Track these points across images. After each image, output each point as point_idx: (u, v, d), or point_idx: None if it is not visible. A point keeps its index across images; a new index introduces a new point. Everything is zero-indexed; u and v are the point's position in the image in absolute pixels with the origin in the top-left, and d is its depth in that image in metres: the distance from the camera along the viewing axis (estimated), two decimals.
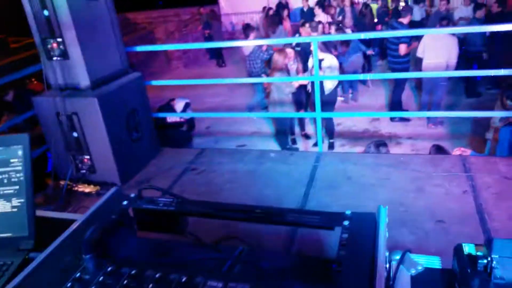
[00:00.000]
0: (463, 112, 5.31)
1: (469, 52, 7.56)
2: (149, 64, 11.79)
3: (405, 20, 6.67)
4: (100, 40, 3.28)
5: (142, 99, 3.60)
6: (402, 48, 6.52)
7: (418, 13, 9.56)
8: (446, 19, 6.72)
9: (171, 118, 5.29)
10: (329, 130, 6.27)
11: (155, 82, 4.03)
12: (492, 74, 3.28)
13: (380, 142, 4.23)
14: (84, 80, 3.16)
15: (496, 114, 3.84)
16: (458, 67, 6.50)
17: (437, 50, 6.35)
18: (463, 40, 7.45)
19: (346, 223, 0.84)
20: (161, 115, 4.25)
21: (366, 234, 0.80)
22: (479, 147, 5.15)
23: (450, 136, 6.41)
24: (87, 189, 3.33)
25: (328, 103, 5.73)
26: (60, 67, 3.19)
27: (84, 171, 3.42)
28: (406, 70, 6.84)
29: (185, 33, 14.60)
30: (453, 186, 2.86)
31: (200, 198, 3.02)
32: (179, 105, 5.27)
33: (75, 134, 3.28)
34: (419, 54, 6.61)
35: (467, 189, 2.80)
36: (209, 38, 13.16)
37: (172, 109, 5.43)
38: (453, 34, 6.43)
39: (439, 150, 4.23)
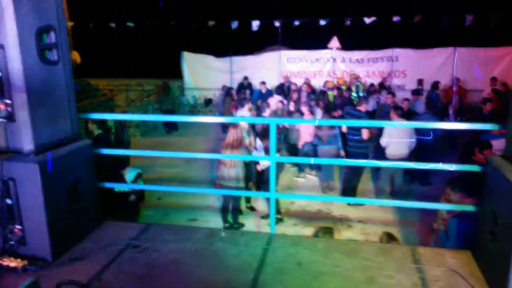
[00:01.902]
0: (411, 202, 5.46)
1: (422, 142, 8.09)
2: None
3: (362, 108, 7.12)
4: (52, 105, 3.16)
5: (89, 167, 3.42)
6: (365, 132, 6.85)
7: (370, 103, 10.23)
8: (399, 109, 7.19)
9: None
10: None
11: (105, 151, 3.88)
12: (442, 169, 3.42)
13: (326, 231, 4.29)
14: (28, 145, 2.97)
15: (441, 207, 3.96)
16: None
17: (401, 141, 6.83)
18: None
19: None
20: (109, 185, 4.04)
21: None
22: (426, 235, 5.24)
23: (399, 222, 6.53)
24: (12, 263, 2.98)
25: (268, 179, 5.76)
26: (4, 129, 3.01)
27: (12, 242, 3.09)
28: (365, 155, 7.12)
29: (146, 102, 14.71)
30: (403, 277, 2.81)
31: (138, 281, 2.78)
32: (129, 175, 5.08)
33: (8, 201, 3.01)
34: (383, 143, 6.97)
35: (417, 281, 2.75)
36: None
37: (121, 178, 5.22)
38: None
39: (389, 237, 4.26)
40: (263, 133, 6.56)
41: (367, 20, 14.26)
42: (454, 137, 8.65)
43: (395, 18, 14.05)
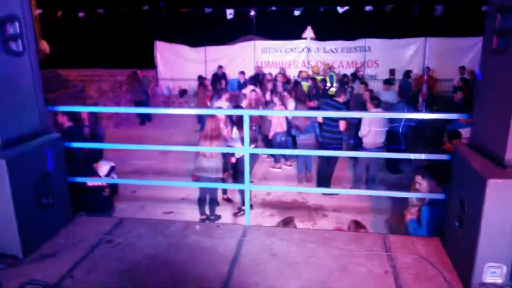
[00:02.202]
0: (382, 192, 5.58)
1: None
2: None
3: (340, 99, 7.15)
4: (18, 98, 3.05)
5: (59, 161, 3.33)
6: (342, 124, 6.92)
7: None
8: (376, 99, 7.30)
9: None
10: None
11: (75, 145, 3.78)
12: (413, 158, 3.50)
13: (287, 220, 4.38)
14: None
15: (412, 195, 4.07)
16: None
17: (364, 130, 6.95)
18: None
19: None
20: (79, 179, 3.94)
21: None
22: (397, 223, 5.39)
23: (372, 210, 6.68)
24: None
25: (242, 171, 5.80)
26: None
27: None
28: (340, 146, 7.21)
29: (118, 93, 14.41)
30: (375, 265, 2.88)
31: (112, 276, 2.75)
32: (102, 168, 4.96)
33: None
34: (361, 134, 7.10)
35: (388, 269, 2.83)
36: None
37: (94, 172, 5.10)
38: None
39: (357, 225, 4.36)
40: (239, 123, 6.54)
41: (340, 9, 14.36)
42: (423, 126, 8.86)
43: (368, 8, 14.20)
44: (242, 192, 6.52)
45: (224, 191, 7.18)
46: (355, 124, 8.05)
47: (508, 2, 2.46)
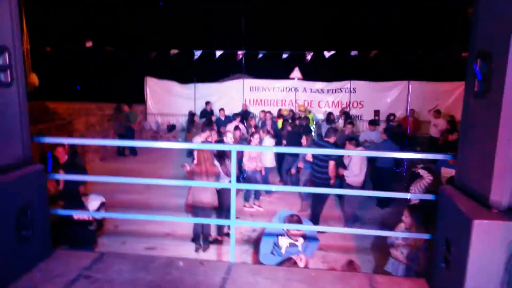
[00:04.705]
0: (370, 231, 5.57)
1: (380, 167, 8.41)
2: None
3: (331, 140, 7.23)
4: (3, 128, 3.01)
5: (40, 193, 3.25)
6: (331, 167, 6.97)
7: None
8: (354, 140, 7.42)
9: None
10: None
11: (60, 176, 3.71)
12: (397, 197, 3.51)
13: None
14: None
15: (399, 235, 4.07)
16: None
17: (356, 168, 7.04)
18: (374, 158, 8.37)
19: None
20: (63, 212, 3.84)
21: None
22: (384, 262, 5.32)
23: (359, 249, 6.61)
24: None
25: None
26: None
27: None
28: (328, 183, 7.23)
29: (106, 127, 14.35)
30: None
31: None
32: (93, 203, 4.87)
33: None
34: (347, 173, 7.19)
35: None
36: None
37: (82, 205, 5.00)
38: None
39: (351, 265, 4.32)
40: (219, 157, 6.56)
41: (327, 54, 14.86)
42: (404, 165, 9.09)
43: (353, 52, 14.71)
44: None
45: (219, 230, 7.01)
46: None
47: (488, 48, 2.57)
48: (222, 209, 6.63)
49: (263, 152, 8.48)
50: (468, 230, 2.39)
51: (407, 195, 3.54)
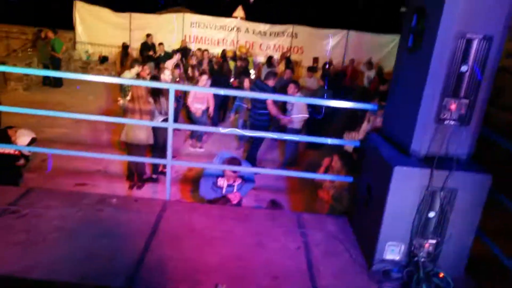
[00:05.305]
0: (300, 172, 5.85)
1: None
2: None
3: (270, 82, 7.32)
4: None
5: None
6: (270, 106, 7.07)
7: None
8: (297, 83, 7.59)
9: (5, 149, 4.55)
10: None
11: None
12: (321, 142, 3.69)
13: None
14: None
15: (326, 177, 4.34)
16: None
17: (299, 112, 7.28)
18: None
19: None
20: None
21: None
22: (312, 202, 5.69)
23: (289, 190, 6.98)
24: None
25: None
26: None
27: None
28: (266, 125, 7.36)
29: (30, 53, 13.14)
30: (289, 241, 3.03)
31: (16, 249, 2.57)
32: (22, 139, 4.56)
33: None
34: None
35: (301, 245, 3.00)
36: None
37: (9, 139, 4.67)
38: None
39: (274, 204, 4.57)
40: (154, 94, 6.37)
41: None
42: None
43: None
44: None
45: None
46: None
47: (423, 5, 2.67)
48: (157, 147, 6.54)
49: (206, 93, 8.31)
50: (388, 175, 2.62)
51: (335, 141, 3.74)
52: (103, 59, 15.15)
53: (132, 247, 2.73)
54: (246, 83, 8.58)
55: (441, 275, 2.58)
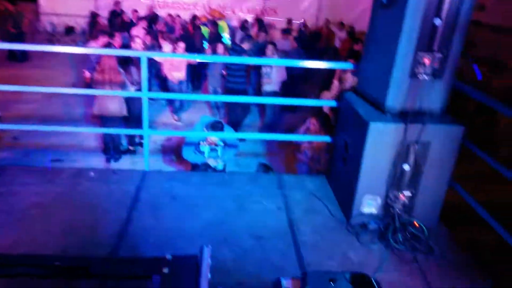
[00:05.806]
0: (278, 135, 5.91)
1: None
2: None
3: (245, 46, 7.25)
4: None
5: None
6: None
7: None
8: (273, 44, 7.50)
9: None
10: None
11: None
12: (299, 104, 3.70)
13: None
14: None
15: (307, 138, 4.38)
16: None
17: (277, 75, 7.23)
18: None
19: (166, 270, 0.76)
20: None
21: (187, 281, 0.74)
22: (291, 163, 5.76)
23: (269, 153, 7.02)
24: None
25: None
26: None
27: None
28: (244, 90, 7.27)
29: None
30: (270, 203, 3.09)
31: None
32: None
33: None
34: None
35: (281, 205, 3.06)
36: None
37: None
38: None
39: (265, 168, 4.62)
40: (124, 64, 6.18)
41: None
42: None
43: None
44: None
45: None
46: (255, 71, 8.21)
47: None
48: (132, 118, 6.42)
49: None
50: (364, 132, 2.66)
51: (313, 102, 3.76)
52: (69, 30, 14.50)
53: (114, 218, 2.73)
54: (220, 49, 8.40)
55: (416, 224, 2.69)
